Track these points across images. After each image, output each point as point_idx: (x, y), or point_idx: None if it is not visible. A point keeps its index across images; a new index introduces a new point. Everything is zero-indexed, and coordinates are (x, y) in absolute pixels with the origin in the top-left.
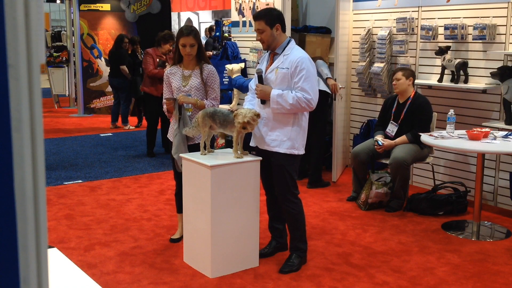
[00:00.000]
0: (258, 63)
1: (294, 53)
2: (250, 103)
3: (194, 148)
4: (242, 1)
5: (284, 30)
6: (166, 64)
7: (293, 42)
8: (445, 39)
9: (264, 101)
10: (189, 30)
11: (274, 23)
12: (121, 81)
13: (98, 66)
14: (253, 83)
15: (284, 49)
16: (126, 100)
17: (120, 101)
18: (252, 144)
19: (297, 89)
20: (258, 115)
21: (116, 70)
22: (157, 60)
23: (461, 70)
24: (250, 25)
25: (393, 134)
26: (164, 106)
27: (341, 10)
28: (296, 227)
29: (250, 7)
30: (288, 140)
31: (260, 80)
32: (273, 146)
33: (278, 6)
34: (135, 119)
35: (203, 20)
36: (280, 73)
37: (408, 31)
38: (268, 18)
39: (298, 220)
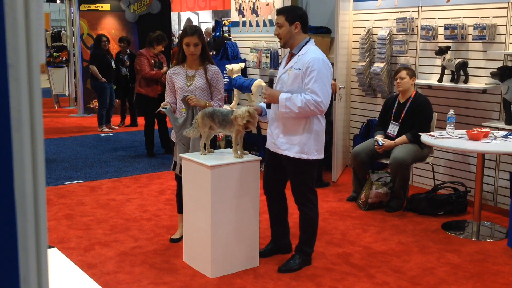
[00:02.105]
0: (280, 62)
1: (308, 54)
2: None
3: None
4: (242, 1)
5: (304, 31)
6: (163, 65)
7: (311, 42)
8: (445, 39)
9: (269, 105)
10: (193, 29)
11: (294, 21)
12: (91, 82)
13: None
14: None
15: (300, 49)
16: (99, 102)
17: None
18: (266, 146)
19: (307, 91)
20: (252, 111)
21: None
22: (152, 61)
23: (461, 70)
24: (250, 25)
25: (395, 134)
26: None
27: (341, 10)
28: (305, 230)
29: (250, 7)
30: (298, 144)
31: (270, 84)
32: (283, 149)
33: (278, 6)
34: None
35: (203, 20)
36: (292, 74)
37: (408, 31)
38: (289, 14)
39: (310, 224)
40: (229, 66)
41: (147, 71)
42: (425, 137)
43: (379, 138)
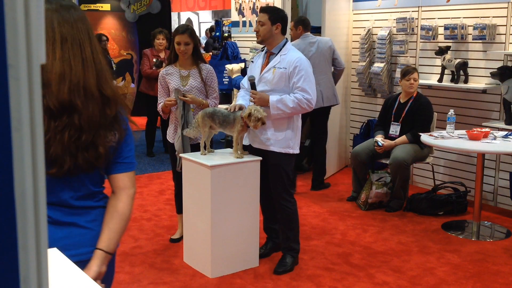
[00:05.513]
0: (252, 61)
1: (292, 54)
2: (243, 98)
3: (197, 147)
4: (242, 1)
5: (283, 33)
6: (164, 64)
7: (289, 43)
8: (445, 39)
9: (254, 85)
10: (184, 28)
11: (276, 22)
12: None
13: None
14: (245, 82)
15: (280, 49)
16: None
17: None
18: (245, 142)
19: (297, 90)
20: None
21: None
22: (153, 60)
23: (461, 70)
24: (250, 25)
25: (397, 134)
26: (159, 107)
27: (336, 10)
28: (290, 227)
29: (250, 7)
30: (284, 139)
31: (253, 87)
32: (268, 145)
33: (278, 6)
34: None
35: (203, 20)
36: (278, 73)
37: (408, 31)
38: (272, 14)
39: (293, 220)
40: (229, 66)
41: (145, 70)
42: (425, 137)
43: (379, 138)
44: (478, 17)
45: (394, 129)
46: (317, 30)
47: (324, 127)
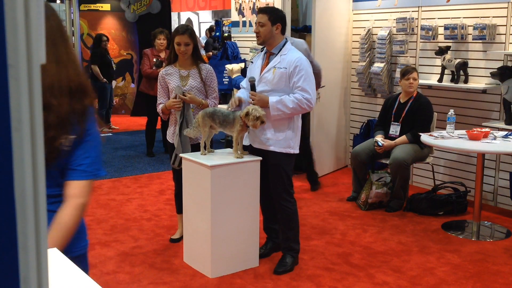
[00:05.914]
0: (252, 62)
1: (292, 54)
2: (242, 93)
3: (196, 147)
4: (242, 1)
5: (283, 33)
6: (164, 63)
7: (289, 43)
8: (445, 39)
9: (254, 86)
10: (184, 28)
11: (276, 22)
12: (92, 82)
13: None
14: (244, 83)
15: (280, 49)
16: (99, 102)
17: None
18: (245, 143)
19: (297, 89)
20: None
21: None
22: (154, 60)
23: (461, 70)
24: (250, 25)
25: (397, 134)
26: (159, 108)
27: (333, 9)
28: (290, 227)
29: (250, 7)
30: (284, 139)
31: (253, 88)
32: (268, 145)
33: (278, 6)
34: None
35: (203, 20)
36: (278, 73)
37: (408, 31)
38: (272, 14)
39: (293, 220)
40: (229, 66)
41: (145, 69)
42: (425, 137)
43: (379, 138)
44: (478, 17)
45: (394, 129)
46: None
47: (304, 129)
